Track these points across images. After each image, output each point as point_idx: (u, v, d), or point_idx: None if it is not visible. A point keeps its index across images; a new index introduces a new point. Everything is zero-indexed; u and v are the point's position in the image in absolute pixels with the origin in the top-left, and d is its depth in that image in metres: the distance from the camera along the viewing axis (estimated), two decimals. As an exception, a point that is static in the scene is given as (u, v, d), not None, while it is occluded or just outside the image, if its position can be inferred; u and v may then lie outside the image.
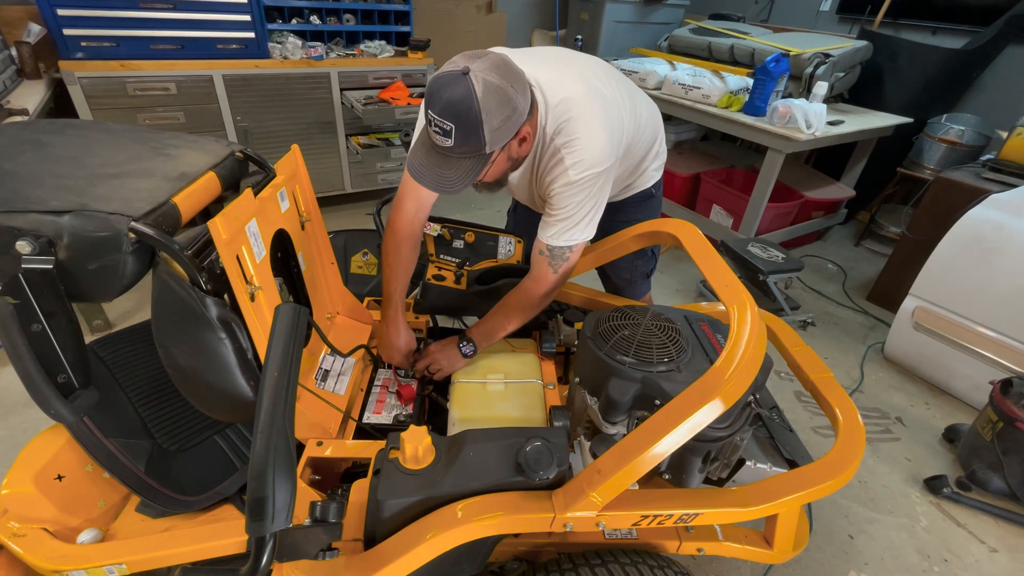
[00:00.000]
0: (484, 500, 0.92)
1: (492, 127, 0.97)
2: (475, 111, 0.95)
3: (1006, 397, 1.72)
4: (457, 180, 1.05)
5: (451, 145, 0.99)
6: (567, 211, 1.20)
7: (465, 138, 0.98)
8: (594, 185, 1.17)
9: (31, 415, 1.84)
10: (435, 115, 0.97)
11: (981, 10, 3.02)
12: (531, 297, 1.31)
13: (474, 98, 0.94)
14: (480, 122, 0.96)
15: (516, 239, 1.66)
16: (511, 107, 0.99)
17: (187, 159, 1.10)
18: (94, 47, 2.48)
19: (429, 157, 1.06)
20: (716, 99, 3.01)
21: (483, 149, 1.00)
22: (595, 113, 1.15)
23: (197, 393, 1.04)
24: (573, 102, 1.14)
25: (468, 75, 0.94)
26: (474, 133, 0.97)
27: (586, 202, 1.19)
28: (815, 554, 1.59)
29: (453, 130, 0.97)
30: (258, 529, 0.66)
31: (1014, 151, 2.43)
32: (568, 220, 1.21)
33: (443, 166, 1.04)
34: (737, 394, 0.91)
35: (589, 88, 1.18)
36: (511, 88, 0.98)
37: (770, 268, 2.40)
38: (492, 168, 1.09)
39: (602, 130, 1.15)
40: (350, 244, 1.94)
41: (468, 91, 0.94)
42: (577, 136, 1.13)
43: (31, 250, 0.82)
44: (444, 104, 0.95)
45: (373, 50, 3.15)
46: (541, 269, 1.28)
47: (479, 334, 1.35)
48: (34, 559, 0.93)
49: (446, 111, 0.95)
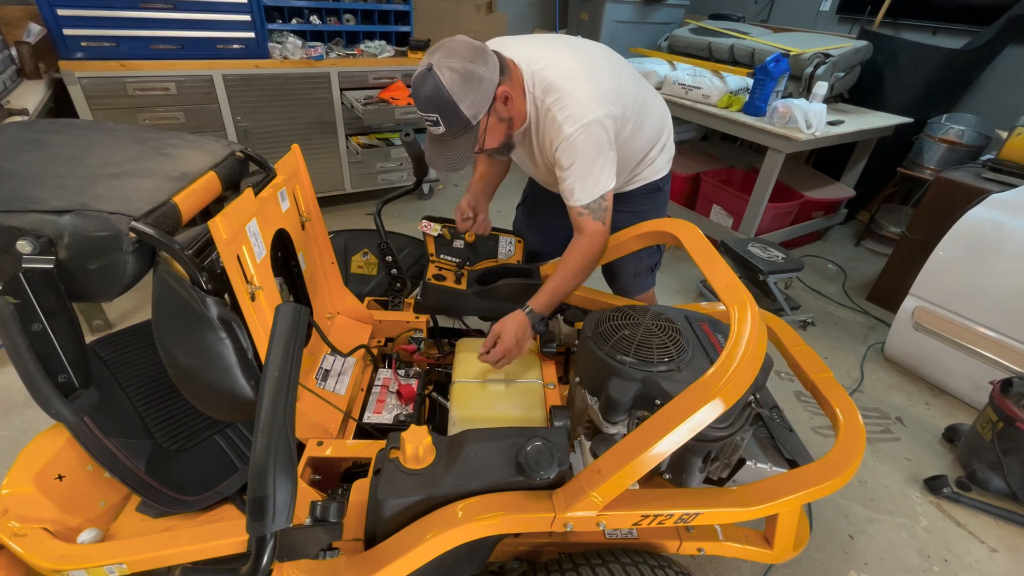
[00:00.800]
0: (484, 500, 0.92)
1: (467, 102, 1.12)
2: (447, 96, 1.11)
3: (1006, 397, 1.72)
4: (460, 157, 1.21)
5: (444, 131, 1.17)
6: (577, 166, 1.24)
7: (451, 121, 1.14)
8: (591, 134, 1.21)
9: (31, 415, 1.84)
10: (421, 112, 1.16)
11: (981, 10, 3.03)
12: (590, 253, 1.34)
13: (442, 87, 1.10)
14: (455, 103, 1.11)
15: (516, 239, 1.66)
16: (477, 79, 1.12)
17: (187, 159, 1.10)
18: (94, 47, 2.48)
19: (434, 146, 1.23)
20: (716, 99, 3.01)
21: (470, 123, 1.16)
22: (577, 70, 1.26)
23: (197, 393, 1.04)
24: (556, 65, 1.25)
25: (432, 70, 1.10)
26: (455, 114, 1.13)
27: (591, 152, 1.23)
28: (815, 554, 1.59)
29: (439, 119, 1.14)
30: (259, 529, 0.66)
31: (1014, 151, 2.43)
32: (582, 174, 1.25)
33: (446, 149, 1.21)
34: (737, 394, 0.91)
35: (573, 54, 1.30)
36: (471, 64, 1.12)
37: (770, 268, 2.40)
38: (488, 134, 1.23)
39: (586, 84, 1.24)
40: (350, 244, 1.94)
41: (436, 83, 1.10)
42: (563, 91, 1.22)
43: (32, 250, 0.82)
44: (423, 101, 1.13)
45: (373, 50, 3.15)
46: (590, 225, 1.31)
47: (542, 302, 1.34)
48: (34, 559, 0.93)
49: (427, 106, 1.13)
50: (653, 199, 1.58)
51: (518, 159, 1.52)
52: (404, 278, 1.73)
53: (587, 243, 1.33)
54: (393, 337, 1.58)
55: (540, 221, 1.78)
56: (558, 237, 1.84)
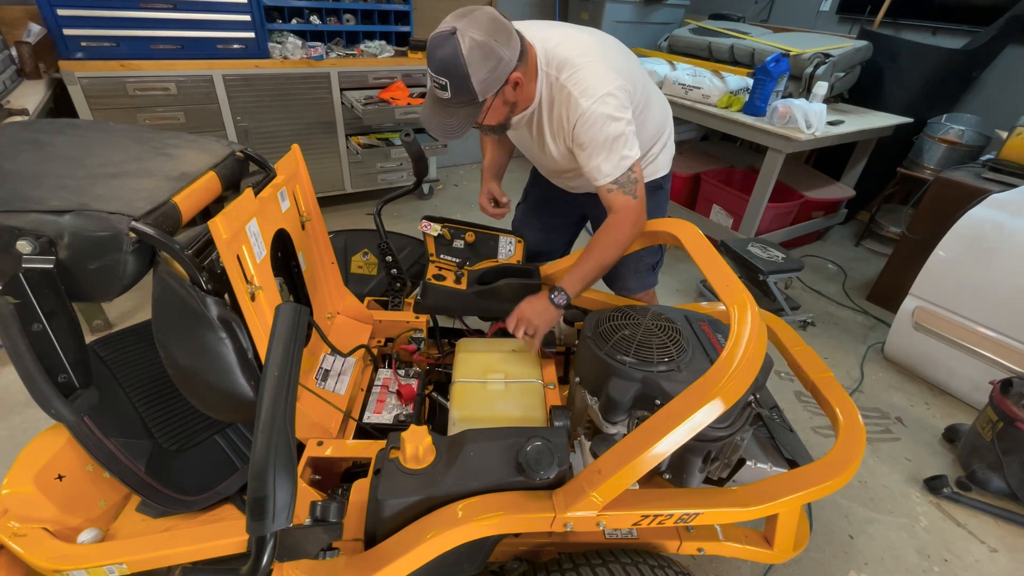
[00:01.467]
0: (484, 500, 0.92)
1: (479, 79, 1.10)
2: (462, 66, 1.08)
3: (1006, 397, 1.72)
4: (457, 127, 1.19)
5: (448, 96, 1.14)
6: (599, 140, 1.22)
7: (458, 90, 1.12)
8: (608, 106, 1.20)
9: (31, 415, 1.84)
10: (432, 72, 1.13)
11: (981, 10, 3.02)
12: (622, 230, 1.30)
13: (460, 56, 1.07)
14: (468, 75, 1.09)
15: (516, 239, 1.66)
16: (495, 58, 1.10)
17: (187, 159, 1.10)
18: (94, 47, 2.48)
19: (434, 107, 1.20)
20: (716, 99, 3.01)
21: (476, 98, 1.14)
22: (591, 46, 1.26)
23: (197, 393, 1.04)
24: (570, 41, 1.25)
25: (455, 34, 1.07)
26: (465, 85, 1.11)
27: (611, 124, 1.21)
28: (815, 554, 1.59)
29: (447, 84, 1.11)
30: (259, 529, 0.66)
31: (1014, 151, 2.43)
32: (605, 147, 1.22)
33: (445, 115, 1.19)
34: (737, 394, 0.91)
35: (587, 34, 1.30)
36: (494, 42, 1.09)
37: (770, 268, 2.40)
38: (490, 113, 1.21)
39: (600, 59, 1.24)
40: (350, 244, 1.94)
41: (455, 49, 1.07)
42: (577, 66, 1.22)
43: (32, 250, 0.82)
44: (437, 62, 1.10)
45: (373, 50, 3.15)
46: (620, 200, 1.28)
47: (572, 281, 1.31)
48: (34, 559, 0.93)
49: (439, 68, 1.10)
50: (655, 197, 1.58)
51: (523, 146, 1.51)
52: (404, 278, 1.73)
53: (618, 219, 1.29)
54: (393, 337, 1.58)
55: (541, 220, 1.78)
56: (559, 237, 1.85)
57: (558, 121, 1.28)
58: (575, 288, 1.31)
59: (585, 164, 1.27)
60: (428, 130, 1.22)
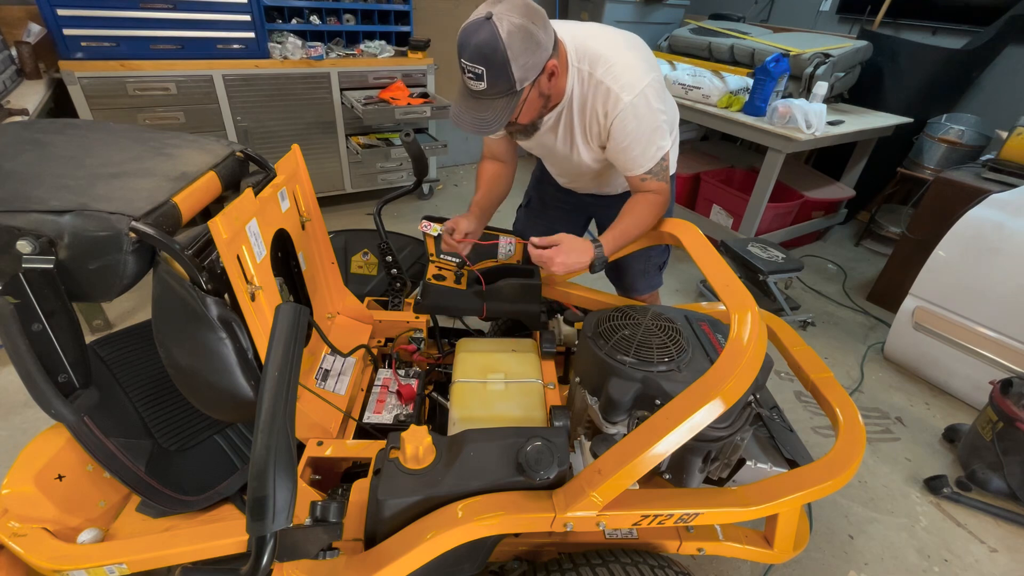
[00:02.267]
0: (484, 500, 0.92)
1: (520, 63, 1.04)
2: (501, 50, 1.02)
3: (1006, 397, 1.72)
4: (494, 120, 1.12)
5: (484, 88, 1.07)
6: (638, 134, 1.21)
7: (496, 78, 1.05)
8: (648, 99, 1.19)
9: (31, 415, 1.84)
10: (466, 61, 1.05)
11: (981, 10, 3.02)
12: (657, 204, 1.32)
13: (499, 38, 1.01)
14: (507, 60, 1.03)
15: (516, 239, 1.66)
16: (535, 42, 1.05)
17: (187, 159, 1.10)
18: (94, 47, 2.48)
19: (466, 102, 1.14)
20: (716, 99, 3.01)
21: (514, 87, 1.07)
22: (621, 40, 1.25)
23: (197, 393, 1.04)
24: (599, 36, 1.23)
25: (491, 19, 1.01)
26: (503, 72, 1.04)
27: (650, 118, 1.20)
28: (815, 554, 1.59)
29: (484, 73, 1.04)
30: (259, 529, 0.66)
31: (1014, 151, 2.43)
32: (643, 140, 1.22)
33: (479, 109, 1.12)
34: (737, 394, 0.91)
35: (611, 30, 1.29)
36: (532, 24, 1.04)
37: (770, 268, 2.40)
38: (525, 107, 1.15)
39: (631, 51, 1.23)
40: (350, 244, 1.94)
41: (493, 33, 1.01)
42: (612, 60, 1.19)
43: (32, 250, 0.82)
44: (472, 50, 1.03)
45: (373, 50, 3.15)
46: (654, 185, 1.30)
47: (609, 240, 1.30)
48: (34, 559, 0.93)
49: (475, 56, 1.03)
50: None
51: (547, 151, 1.48)
52: (404, 278, 1.73)
53: (654, 196, 1.31)
54: (393, 337, 1.58)
55: (546, 225, 1.75)
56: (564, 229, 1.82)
57: (591, 117, 1.26)
58: (610, 246, 1.30)
59: (619, 156, 1.26)
60: (460, 126, 1.16)
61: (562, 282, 1.60)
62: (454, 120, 1.17)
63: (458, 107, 1.16)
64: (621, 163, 1.28)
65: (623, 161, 1.27)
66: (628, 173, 1.30)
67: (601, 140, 1.29)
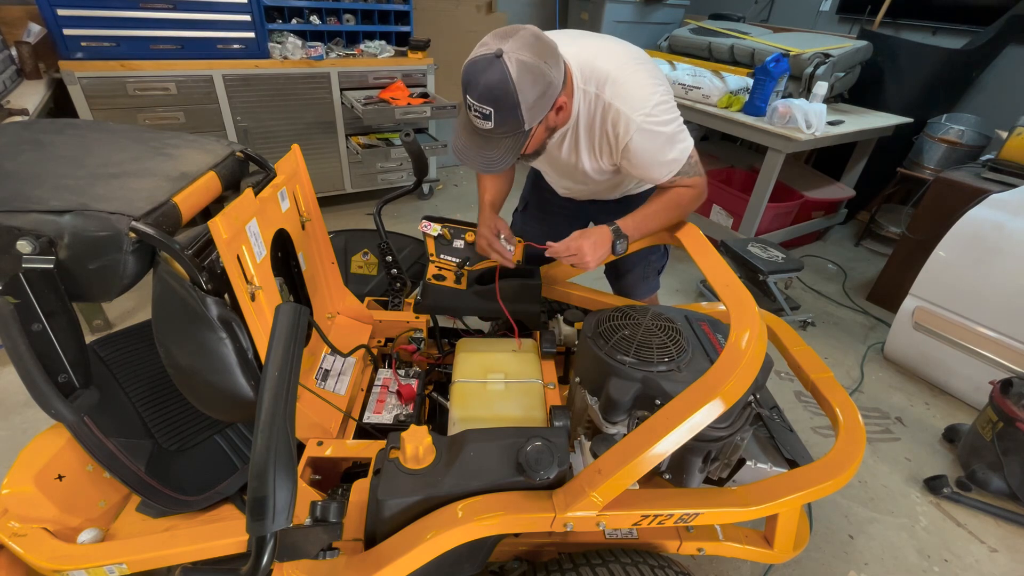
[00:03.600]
0: (484, 500, 0.92)
1: (529, 105, 1.01)
2: (512, 92, 0.98)
3: (1006, 397, 1.72)
4: (500, 159, 1.09)
5: (491, 127, 1.03)
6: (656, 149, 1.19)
7: (504, 119, 1.02)
8: (661, 115, 1.17)
9: (31, 415, 1.84)
10: (474, 100, 1.01)
11: (981, 10, 3.02)
12: (688, 195, 1.29)
13: (509, 80, 0.97)
14: (517, 103, 0.99)
15: (516, 239, 1.66)
16: (546, 82, 1.01)
17: (187, 159, 1.10)
18: (94, 47, 2.48)
19: (472, 139, 1.10)
20: (716, 99, 3.01)
21: (522, 127, 1.04)
22: (626, 56, 1.20)
23: (197, 393, 1.04)
24: (604, 53, 1.18)
25: (501, 57, 0.96)
26: (512, 113, 1.01)
27: (667, 130, 1.18)
28: (815, 554, 1.59)
29: (492, 113, 1.01)
30: (259, 529, 0.66)
31: (1014, 151, 2.43)
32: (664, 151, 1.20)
33: (486, 147, 1.09)
34: (737, 394, 0.91)
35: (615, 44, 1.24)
36: (544, 64, 1.00)
37: (770, 268, 2.40)
38: (531, 140, 1.12)
39: (638, 68, 1.18)
40: (350, 244, 1.94)
41: (503, 74, 0.96)
42: (620, 80, 1.15)
43: (32, 250, 0.82)
44: (482, 90, 0.99)
45: (373, 50, 3.15)
46: (686, 181, 1.28)
47: (629, 223, 1.28)
48: (35, 559, 0.93)
49: (484, 96, 0.99)
50: None
51: (549, 165, 1.47)
52: (404, 278, 1.73)
53: (684, 190, 1.28)
54: (393, 337, 1.58)
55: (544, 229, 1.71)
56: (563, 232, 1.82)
57: (601, 137, 1.23)
58: (632, 230, 1.28)
59: (643, 174, 1.25)
60: (465, 163, 1.14)
61: (562, 282, 1.60)
62: (458, 156, 1.14)
63: (463, 142, 1.12)
64: (648, 179, 1.27)
65: (649, 177, 1.26)
66: (653, 182, 1.28)
67: (613, 159, 1.26)
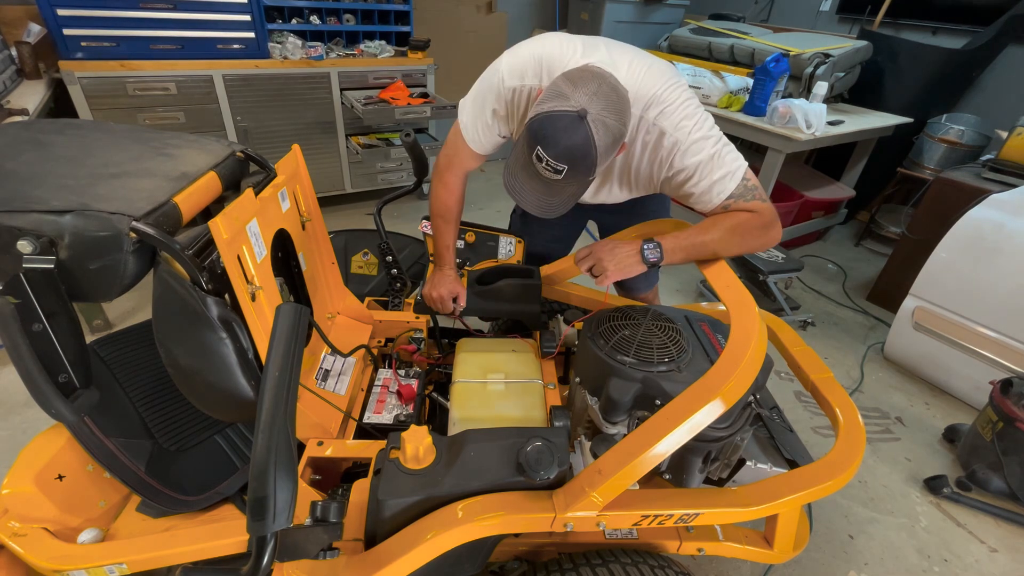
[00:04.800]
0: (485, 500, 0.92)
1: (604, 161, 0.98)
2: (592, 156, 0.94)
3: (1006, 397, 1.72)
4: (560, 205, 1.06)
5: (560, 179, 0.98)
6: (704, 165, 1.11)
7: (577, 174, 0.98)
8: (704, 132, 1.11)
9: (31, 415, 1.84)
10: (549, 158, 0.95)
11: (981, 10, 3.03)
12: (751, 223, 1.15)
13: (592, 145, 0.93)
14: (595, 163, 0.96)
15: (516, 239, 1.66)
16: (618, 140, 0.99)
17: (188, 159, 1.10)
18: (94, 47, 2.48)
19: (531, 183, 1.03)
20: (716, 99, 3.01)
21: (590, 177, 1.01)
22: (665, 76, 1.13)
23: (198, 393, 1.04)
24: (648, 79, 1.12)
25: (586, 120, 0.92)
26: (588, 172, 0.98)
27: (711, 147, 1.11)
28: (815, 554, 1.59)
29: (566, 170, 0.96)
30: (259, 529, 0.66)
31: (1014, 151, 2.43)
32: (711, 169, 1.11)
33: (547, 193, 1.04)
34: (737, 394, 0.91)
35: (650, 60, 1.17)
36: (623, 126, 0.98)
37: (770, 268, 2.40)
38: None
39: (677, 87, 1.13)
40: (350, 244, 1.94)
41: (587, 138, 0.92)
42: (666, 102, 1.10)
43: (32, 250, 0.82)
44: (561, 151, 0.94)
45: (373, 50, 3.15)
46: (747, 206, 1.14)
47: (675, 244, 1.18)
48: (35, 559, 0.93)
49: (563, 156, 0.94)
50: (660, 199, 1.57)
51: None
52: (404, 278, 1.73)
53: (750, 216, 1.15)
54: (393, 337, 1.58)
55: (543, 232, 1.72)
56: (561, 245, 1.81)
57: (639, 161, 1.18)
58: (675, 256, 1.18)
59: (689, 193, 1.15)
60: (519, 202, 1.07)
61: (562, 282, 1.60)
62: (511, 192, 1.06)
63: (520, 183, 1.05)
64: (696, 200, 1.16)
65: (696, 198, 1.15)
66: (706, 208, 1.17)
67: (653, 176, 1.20)
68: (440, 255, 1.48)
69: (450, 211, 1.43)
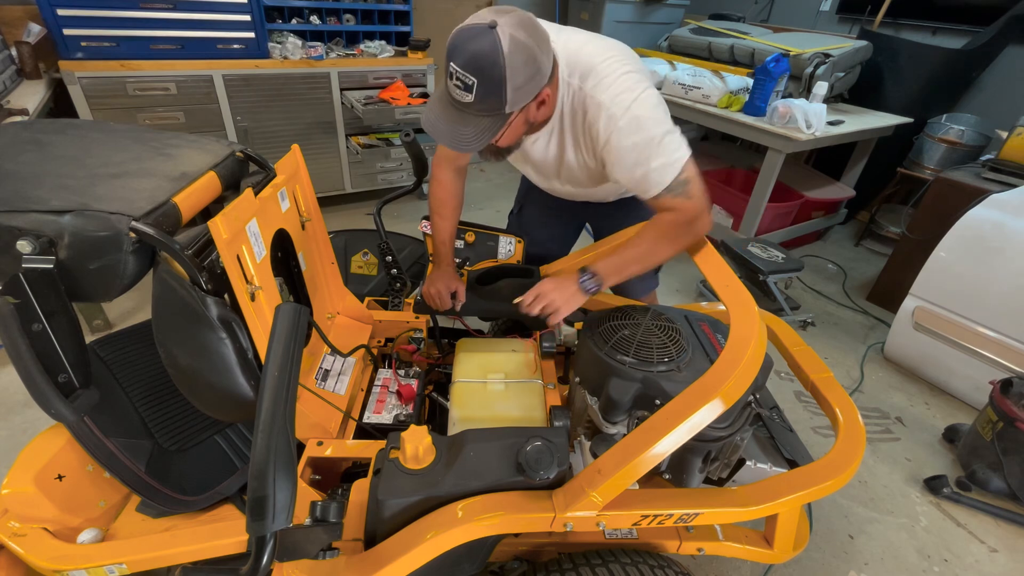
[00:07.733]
0: (484, 500, 0.92)
1: (515, 85, 0.95)
2: (500, 66, 0.92)
3: (1006, 397, 1.72)
4: (473, 138, 1.02)
5: (471, 101, 0.96)
6: (639, 149, 1.08)
7: (486, 94, 0.95)
8: (644, 109, 1.08)
9: (31, 415, 1.84)
10: (458, 67, 0.94)
11: (981, 10, 3.02)
12: (674, 226, 1.16)
13: (500, 53, 0.91)
14: (504, 79, 0.93)
15: (516, 239, 1.66)
16: (535, 66, 0.96)
17: (188, 159, 1.10)
18: (94, 47, 2.48)
19: (446, 112, 1.02)
20: (716, 99, 3.01)
21: (503, 108, 0.98)
22: (612, 49, 1.13)
23: (197, 393, 1.04)
24: (589, 45, 1.12)
25: (495, 29, 0.91)
26: (496, 90, 0.94)
27: (651, 127, 1.08)
28: (815, 554, 1.59)
29: (475, 85, 0.94)
30: (259, 529, 0.66)
31: (1014, 151, 2.43)
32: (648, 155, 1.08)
33: (460, 122, 1.01)
34: (737, 394, 0.91)
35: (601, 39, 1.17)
36: (537, 48, 0.96)
37: (770, 268, 2.40)
38: (508, 131, 1.06)
39: (624, 61, 1.11)
40: (350, 244, 1.94)
41: (494, 45, 0.91)
42: (603, 74, 1.08)
43: (32, 250, 0.82)
44: (468, 57, 0.92)
45: (373, 50, 3.15)
46: (673, 202, 1.13)
47: (609, 269, 1.18)
48: (35, 559, 0.93)
49: (470, 64, 0.92)
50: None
51: (533, 164, 1.39)
52: (404, 278, 1.73)
53: (671, 216, 1.14)
54: (393, 337, 1.58)
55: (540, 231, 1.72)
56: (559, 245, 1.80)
57: (585, 134, 1.17)
58: (611, 278, 1.19)
59: (626, 177, 1.14)
60: (434, 136, 1.04)
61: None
62: (427, 127, 1.04)
63: (435, 114, 1.03)
64: (632, 186, 1.15)
65: (632, 183, 1.14)
66: (642, 196, 1.15)
67: (597, 156, 1.19)
68: (437, 251, 1.48)
69: (444, 205, 1.43)
